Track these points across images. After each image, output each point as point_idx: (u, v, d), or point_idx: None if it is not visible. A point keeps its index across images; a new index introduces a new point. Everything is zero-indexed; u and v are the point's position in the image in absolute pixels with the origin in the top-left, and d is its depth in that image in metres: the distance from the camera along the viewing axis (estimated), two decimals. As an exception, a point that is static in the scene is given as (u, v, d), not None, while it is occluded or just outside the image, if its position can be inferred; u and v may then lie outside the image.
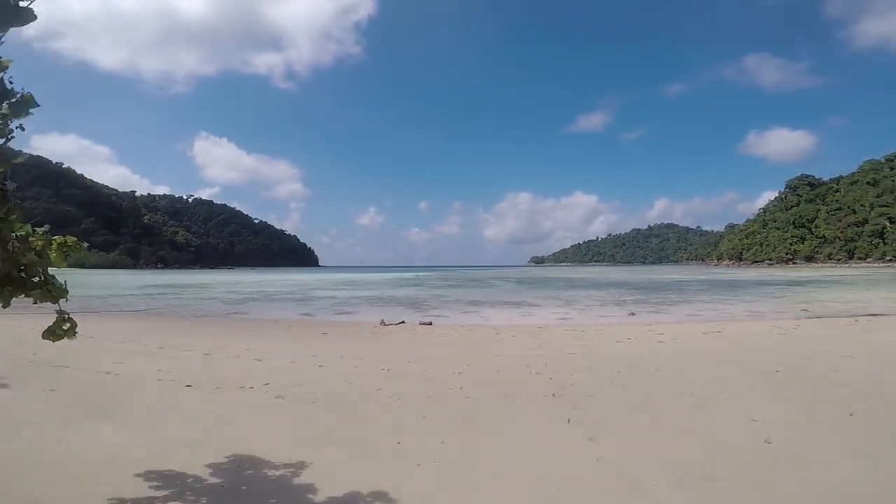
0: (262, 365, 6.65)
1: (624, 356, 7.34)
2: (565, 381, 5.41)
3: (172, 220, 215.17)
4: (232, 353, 7.62)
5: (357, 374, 5.99)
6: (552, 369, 6.17)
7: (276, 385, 5.28)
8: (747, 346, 8.26)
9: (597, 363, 6.62)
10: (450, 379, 5.59)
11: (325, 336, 10.09)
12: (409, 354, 7.50)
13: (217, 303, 23.18)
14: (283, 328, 11.95)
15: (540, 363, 6.60)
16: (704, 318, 15.33)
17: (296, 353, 7.63)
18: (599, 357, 7.19)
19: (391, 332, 10.88)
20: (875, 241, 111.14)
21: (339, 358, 7.24)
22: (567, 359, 7.02)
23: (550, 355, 7.35)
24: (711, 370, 6.11)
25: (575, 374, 5.87)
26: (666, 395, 4.89)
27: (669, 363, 6.70)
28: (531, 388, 5.13)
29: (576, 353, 7.48)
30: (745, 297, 24.13)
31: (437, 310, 18.53)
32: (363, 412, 4.32)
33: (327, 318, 15.81)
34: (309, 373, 6.11)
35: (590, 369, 6.22)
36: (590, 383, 5.37)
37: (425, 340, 9.36)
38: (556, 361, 6.77)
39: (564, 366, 6.41)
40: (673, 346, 8.43)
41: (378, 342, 9.16)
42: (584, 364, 6.53)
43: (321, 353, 7.73)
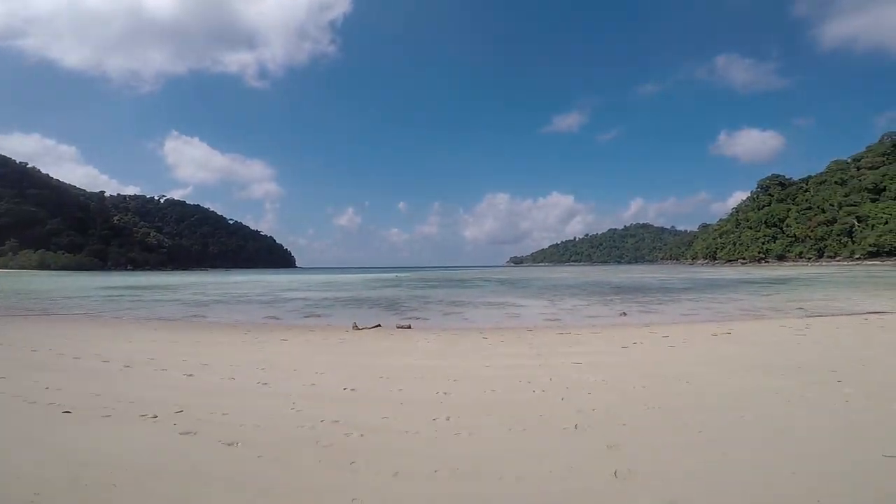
0: (189, 382, 5.20)
1: (639, 365, 6.14)
2: (584, 404, 4.16)
3: (143, 220, 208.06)
4: (160, 366, 6.12)
5: (310, 396, 4.61)
6: (560, 385, 4.91)
7: (193, 413, 3.87)
8: (772, 349, 7.18)
9: (612, 376, 5.39)
10: (433, 404, 4.26)
11: (283, 343, 8.62)
12: (381, 367, 6.14)
13: (178, 305, 21.30)
14: (240, 333, 10.41)
15: (543, 377, 5.33)
16: (701, 318, 14.42)
17: (241, 366, 6.19)
18: (611, 367, 5.97)
19: (363, 338, 9.48)
20: (844, 239, 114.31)
21: (293, 372, 5.83)
22: (573, 370, 5.78)
23: (552, 366, 6.10)
24: (755, 381, 4.95)
25: (592, 392, 4.62)
26: (721, 418, 3.67)
27: (697, 372, 5.53)
28: (542, 416, 3.84)
29: (581, 364, 6.24)
30: (733, 296, 23.51)
31: (417, 311, 17.17)
32: (302, 463, 2.95)
33: (294, 321, 14.26)
34: (246, 394, 4.70)
35: (606, 384, 4.98)
36: (616, 405, 4.12)
37: (402, 348, 8.00)
38: (561, 374, 5.52)
39: (574, 380, 5.17)
40: (688, 351, 7.30)
41: (346, 350, 7.75)
42: (596, 378, 5.29)
43: (273, 365, 6.30)
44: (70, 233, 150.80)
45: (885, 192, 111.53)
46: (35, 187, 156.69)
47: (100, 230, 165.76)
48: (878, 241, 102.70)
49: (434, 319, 14.51)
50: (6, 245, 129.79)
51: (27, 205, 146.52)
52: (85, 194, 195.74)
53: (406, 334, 10.16)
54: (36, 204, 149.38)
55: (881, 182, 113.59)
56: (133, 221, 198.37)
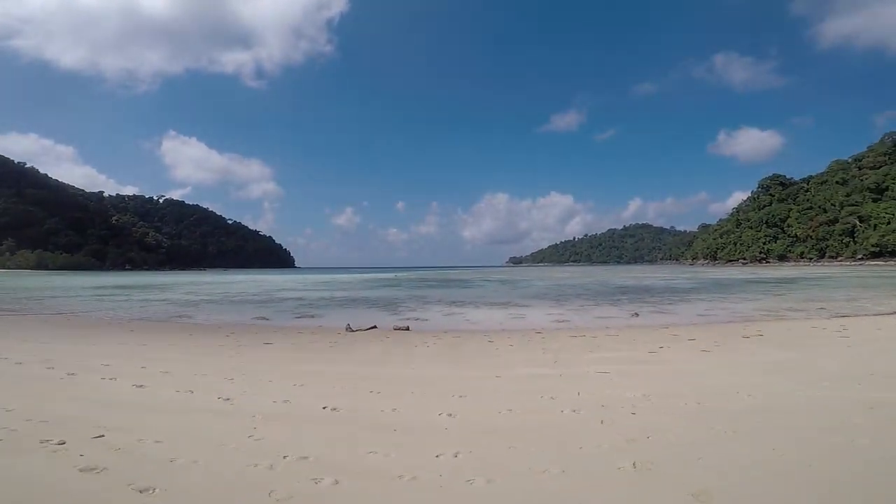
0: (133, 395, 4.26)
1: (678, 374, 5.20)
2: (632, 429, 3.21)
3: (142, 220, 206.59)
4: (112, 373, 5.17)
5: (279, 417, 3.65)
6: (593, 403, 3.97)
7: (114, 439, 2.94)
8: (824, 354, 6.23)
9: (652, 389, 4.44)
10: (435, 430, 3.31)
11: (265, 348, 7.66)
12: (373, 378, 5.19)
13: (166, 305, 20.34)
14: (220, 336, 9.45)
15: (569, 391, 4.39)
16: (719, 319, 13.48)
17: (207, 375, 5.24)
18: (647, 378, 5.02)
19: (356, 341, 8.53)
20: (846, 239, 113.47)
21: (267, 384, 4.87)
22: (603, 382, 4.83)
23: (576, 376, 5.15)
24: (842, 393, 4.00)
25: (636, 412, 3.68)
26: (830, 448, 2.72)
27: (755, 383, 4.58)
28: (583, 448, 2.88)
29: (609, 373, 5.30)
30: (745, 296, 22.59)
31: (416, 312, 16.21)
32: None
33: (284, 322, 13.30)
34: (198, 413, 3.74)
35: (650, 401, 4.03)
36: (676, 431, 3.16)
37: (399, 353, 7.05)
38: (590, 387, 4.58)
39: (608, 396, 4.22)
40: (726, 356, 6.35)
41: (335, 357, 6.80)
42: (635, 392, 4.34)
43: (246, 374, 5.35)
44: (68, 233, 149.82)
45: (888, 191, 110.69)
46: (33, 187, 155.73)
47: (98, 230, 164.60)
48: (880, 241, 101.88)
49: (434, 321, 13.56)
50: (3, 245, 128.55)
51: (25, 205, 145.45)
52: (83, 194, 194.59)
53: (404, 337, 9.22)
54: (34, 204, 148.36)
55: (883, 182, 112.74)
56: (132, 221, 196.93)
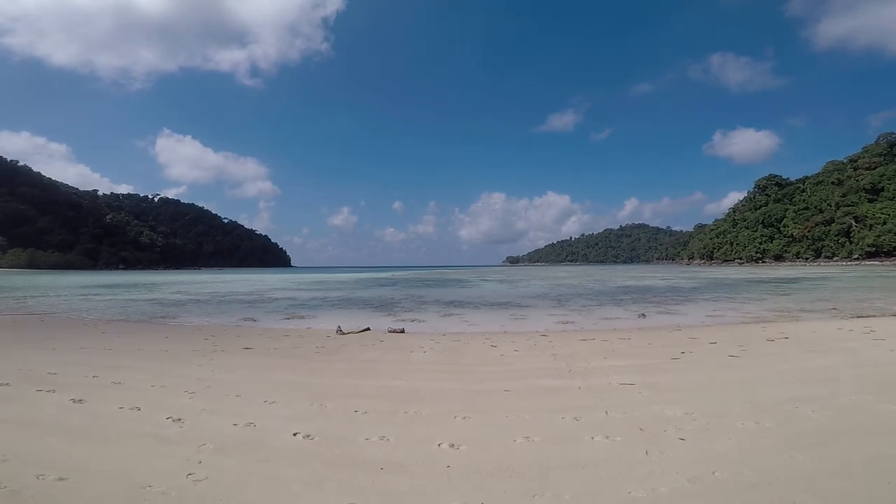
0: (61, 415, 3.52)
1: (716, 385, 4.49)
2: (691, 466, 2.50)
3: (137, 219, 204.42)
4: (52, 384, 4.41)
5: (234, 448, 2.92)
6: (628, 424, 3.26)
7: (3, 475, 2.19)
8: (868, 359, 5.56)
9: (695, 406, 3.73)
10: (435, 470, 2.59)
11: (245, 353, 6.90)
12: (360, 392, 4.45)
13: (151, 304, 19.51)
14: (198, 339, 8.68)
15: (594, 409, 3.68)
16: (730, 320, 12.82)
17: (165, 387, 4.50)
18: (681, 390, 4.32)
19: (347, 346, 7.77)
20: (841, 240, 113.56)
21: (233, 399, 4.13)
22: (632, 396, 4.12)
23: (597, 388, 4.44)
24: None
25: (685, 436, 2.97)
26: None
27: (814, 395, 3.87)
28: (632, 495, 2.17)
29: (635, 384, 4.58)
30: (751, 295, 21.97)
31: (412, 313, 15.45)
32: None
33: (271, 324, 12.52)
34: (134, 439, 3.00)
35: (696, 420, 3.33)
36: (752, 466, 2.45)
37: (393, 360, 6.30)
38: (618, 403, 3.86)
39: (644, 415, 3.51)
40: (759, 362, 5.66)
41: (320, 365, 6.05)
42: (675, 410, 3.63)
43: (212, 387, 4.61)
44: (61, 231, 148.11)
45: (883, 192, 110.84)
46: (26, 185, 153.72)
47: (91, 229, 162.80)
48: (876, 242, 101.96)
49: (431, 322, 12.82)
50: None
51: (17, 203, 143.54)
52: (77, 193, 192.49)
53: (399, 340, 8.48)
54: (26, 202, 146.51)
55: (879, 182, 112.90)
56: (126, 220, 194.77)
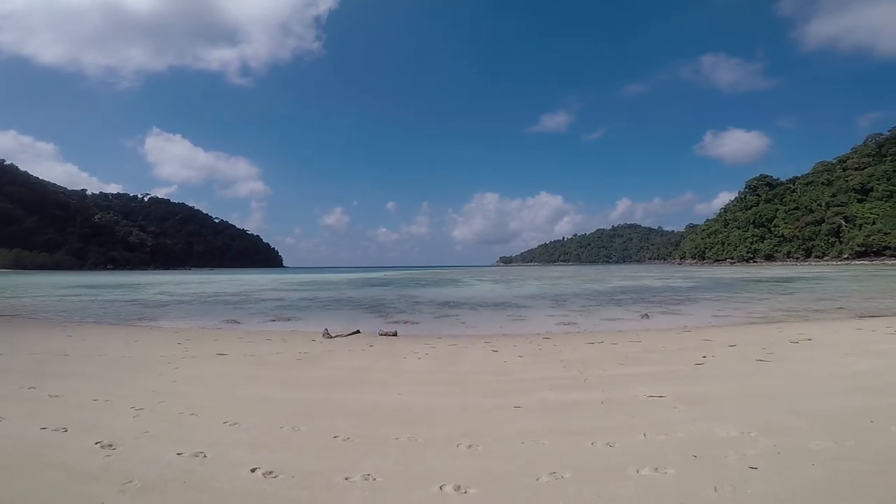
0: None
1: (758, 396, 3.83)
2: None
3: (127, 219, 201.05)
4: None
5: (166, 492, 2.21)
6: (678, 451, 2.58)
7: None
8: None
9: (748, 422, 3.07)
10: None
11: (217, 360, 6.14)
12: (343, 410, 3.74)
13: (133, 306, 18.63)
14: (171, 343, 7.89)
15: (628, 432, 3.00)
16: (738, 320, 12.24)
17: (109, 402, 3.76)
18: (720, 402, 3.65)
19: (333, 352, 7.05)
20: (831, 239, 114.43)
21: (188, 420, 3.40)
22: (666, 412, 3.45)
23: (621, 402, 3.77)
24: None
25: (755, 464, 2.31)
26: None
27: (882, 407, 3.23)
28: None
29: (665, 396, 3.92)
30: (753, 295, 21.50)
31: (405, 314, 14.73)
32: None
33: (254, 326, 11.74)
34: (36, 474, 2.29)
35: (754, 439, 2.66)
36: None
37: (383, 368, 5.59)
38: (653, 423, 3.19)
39: (690, 436, 2.84)
40: (794, 370, 5.02)
41: (300, 374, 5.31)
42: (726, 429, 2.96)
43: (167, 402, 3.87)
44: (48, 231, 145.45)
45: (873, 192, 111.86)
46: (12, 184, 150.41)
47: (79, 228, 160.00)
48: (866, 241, 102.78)
49: (425, 324, 12.12)
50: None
51: (3, 202, 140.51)
52: (65, 192, 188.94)
53: (390, 345, 7.77)
54: (12, 201, 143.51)
55: (868, 182, 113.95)
56: (115, 220, 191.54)
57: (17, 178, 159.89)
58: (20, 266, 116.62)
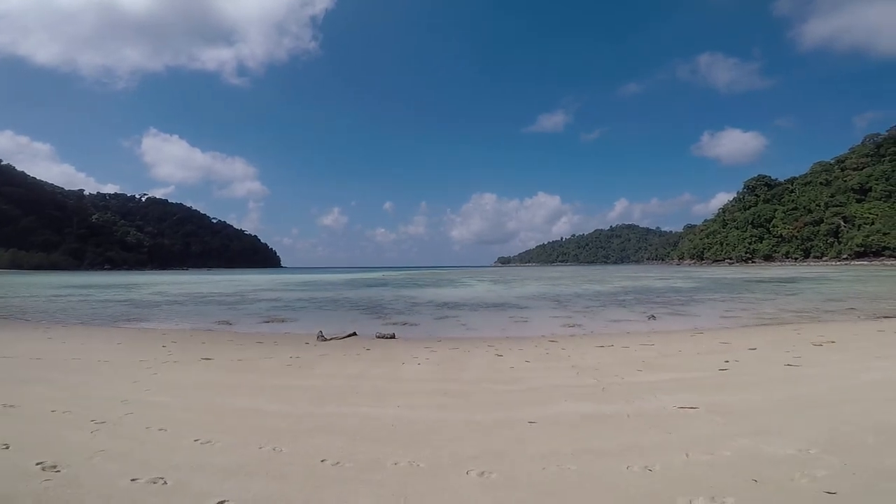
0: None
1: (804, 405, 3.40)
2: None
3: (124, 219, 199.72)
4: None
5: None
6: (733, 476, 2.14)
7: None
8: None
9: (806, 438, 2.63)
10: None
11: (200, 365, 5.68)
12: (333, 426, 3.28)
13: (124, 306, 18.13)
14: (155, 346, 7.43)
15: (666, 452, 2.56)
16: (747, 321, 11.82)
17: (67, 414, 3.30)
18: (763, 413, 3.22)
19: (326, 356, 6.60)
20: (830, 240, 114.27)
21: (154, 436, 2.94)
22: (703, 425, 3.01)
23: (651, 416, 3.32)
24: None
25: (833, 490, 1.87)
26: None
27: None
28: None
29: (698, 408, 3.48)
30: (758, 295, 21.09)
31: (403, 315, 14.27)
32: None
33: (246, 328, 11.27)
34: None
35: (816, 457, 2.23)
36: None
37: (380, 375, 5.13)
38: (692, 439, 2.75)
39: (740, 455, 2.40)
40: (829, 375, 4.59)
41: (288, 383, 4.85)
42: (782, 446, 2.52)
43: (135, 413, 3.42)
44: (45, 231, 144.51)
45: (871, 192, 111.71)
46: (9, 185, 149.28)
47: (76, 229, 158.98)
48: (865, 242, 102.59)
49: (424, 325, 11.66)
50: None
51: (0, 202, 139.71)
52: (63, 192, 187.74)
53: (388, 349, 7.31)
54: (10, 202, 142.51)
55: (867, 182, 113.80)
56: (113, 220, 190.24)
57: (14, 179, 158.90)
58: (17, 266, 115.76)
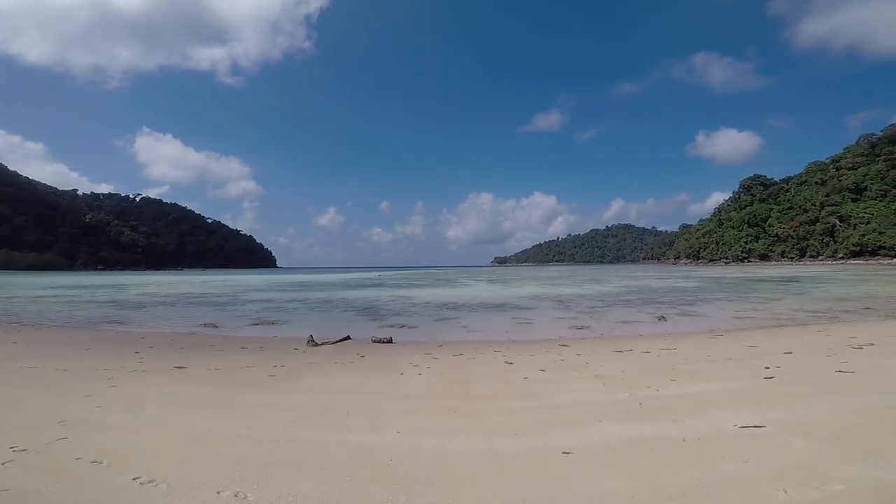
0: None
1: (882, 421, 2.75)
2: None
3: (118, 219, 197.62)
4: None
5: None
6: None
7: None
8: None
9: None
10: None
11: (171, 375, 4.98)
12: (316, 459, 2.60)
13: (108, 307, 17.35)
14: (126, 353, 6.71)
15: (754, 489, 1.90)
16: (763, 322, 11.22)
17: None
18: (837, 434, 2.56)
19: (316, 364, 5.91)
20: (826, 239, 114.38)
21: (87, 470, 2.26)
22: (782, 451, 2.35)
23: (708, 437, 2.66)
24: None
25: None
26: None
27: None
28: None
29: (764, 426, 2.82)
30: (765, 295, 20.52)
31: (401, 317, 13.56)
32: None
33: (234, 331, 10.53)
34: None
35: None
36: None
37: (375, 389, 4.45)
38: (776, 468, 2.10)
39: (853, 491, 1.75)
40: (888, 380, 3.97)
41: (268, 398, 4.14)
42: (893, 474, 1.87)
43: (71, 437, 2.73)
44: (37, 231, 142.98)
45: (867, 192, 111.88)
46: (1, 184, 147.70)
47: (69, 228, 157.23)
48: (861, 241, 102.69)
49: (423, 328, 10.96)
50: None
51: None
52: (56, 192, 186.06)
53: (385, 355, 6.63)
54: (2, 201, 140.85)
55: (862, 182, 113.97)
56: (106, 220, 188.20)
57: (6, 178, 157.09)
58: (9, 266, 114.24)
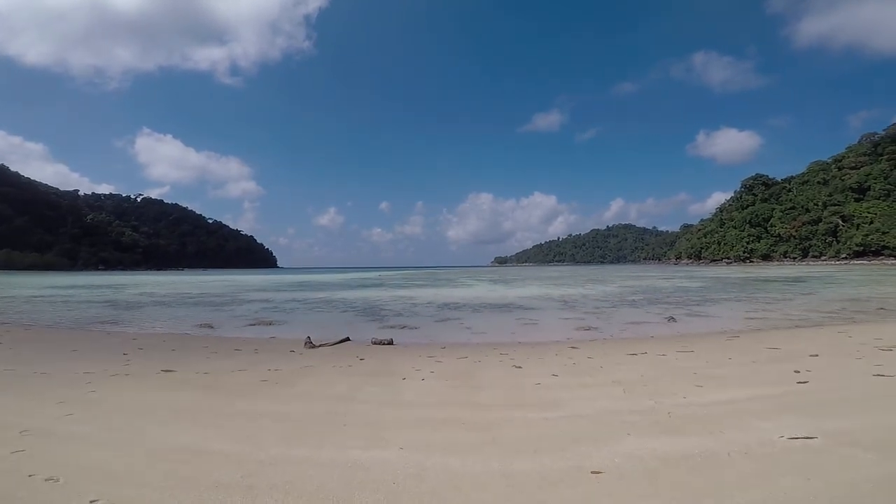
0: None
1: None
2: None
3: (120, 220, 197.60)
4: None
5: None
6: None
7: None
8: None
9: None
10: None
11: (157, 380, 4.63)
12: (308, 482, 2.25)
13: (104, 307, 17.02)
14: (112, 355, 6.36)
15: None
16: (776, 323, 10.85)
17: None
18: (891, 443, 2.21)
19: (312, 368, 5.55)
20: (829, 239, 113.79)
21: (42, 489, 1.92)
22: (844, 464, 1.99)
23: (757, 452, 2.30)
24: None
25: None
26: None
27: None
28: None
29: (816, 438, 2.46)
30: (773, 295, 20.13)
31: (402, 317, 13.20)
32: None
33: (230, 332, 10.18)
34: None
35: None
36: None
37: (374, 398, 4.08)
38: (846, 492, 1.75)
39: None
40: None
41: (258, 407, 3.78)
42: None
43: (29, 450, 2.38)
44: (38, 231, 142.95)
45: (870, 191, 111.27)
46: (2, 184, 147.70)
47: (70, 229, 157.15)
48: (864, 241, 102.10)
49: (425, 329, 10.59)
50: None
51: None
52: (57, 192, 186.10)
53: (385, 359, 6.27)
54: (3, 201, 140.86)
55: (865, 182, 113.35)
56: (107, 220, 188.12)
57: (7, 179, 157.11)
58: (10, 266, 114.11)
